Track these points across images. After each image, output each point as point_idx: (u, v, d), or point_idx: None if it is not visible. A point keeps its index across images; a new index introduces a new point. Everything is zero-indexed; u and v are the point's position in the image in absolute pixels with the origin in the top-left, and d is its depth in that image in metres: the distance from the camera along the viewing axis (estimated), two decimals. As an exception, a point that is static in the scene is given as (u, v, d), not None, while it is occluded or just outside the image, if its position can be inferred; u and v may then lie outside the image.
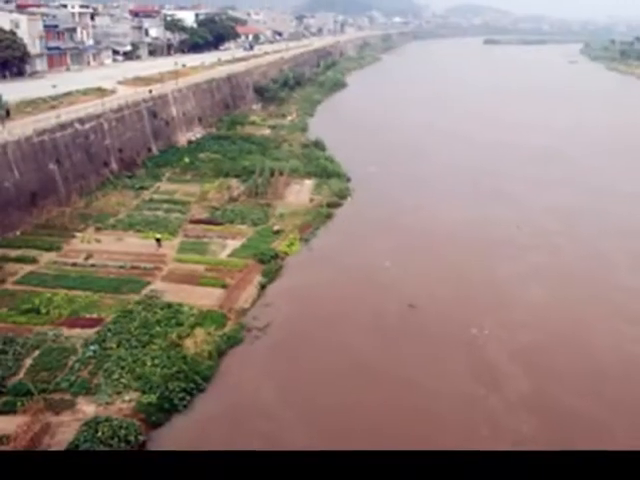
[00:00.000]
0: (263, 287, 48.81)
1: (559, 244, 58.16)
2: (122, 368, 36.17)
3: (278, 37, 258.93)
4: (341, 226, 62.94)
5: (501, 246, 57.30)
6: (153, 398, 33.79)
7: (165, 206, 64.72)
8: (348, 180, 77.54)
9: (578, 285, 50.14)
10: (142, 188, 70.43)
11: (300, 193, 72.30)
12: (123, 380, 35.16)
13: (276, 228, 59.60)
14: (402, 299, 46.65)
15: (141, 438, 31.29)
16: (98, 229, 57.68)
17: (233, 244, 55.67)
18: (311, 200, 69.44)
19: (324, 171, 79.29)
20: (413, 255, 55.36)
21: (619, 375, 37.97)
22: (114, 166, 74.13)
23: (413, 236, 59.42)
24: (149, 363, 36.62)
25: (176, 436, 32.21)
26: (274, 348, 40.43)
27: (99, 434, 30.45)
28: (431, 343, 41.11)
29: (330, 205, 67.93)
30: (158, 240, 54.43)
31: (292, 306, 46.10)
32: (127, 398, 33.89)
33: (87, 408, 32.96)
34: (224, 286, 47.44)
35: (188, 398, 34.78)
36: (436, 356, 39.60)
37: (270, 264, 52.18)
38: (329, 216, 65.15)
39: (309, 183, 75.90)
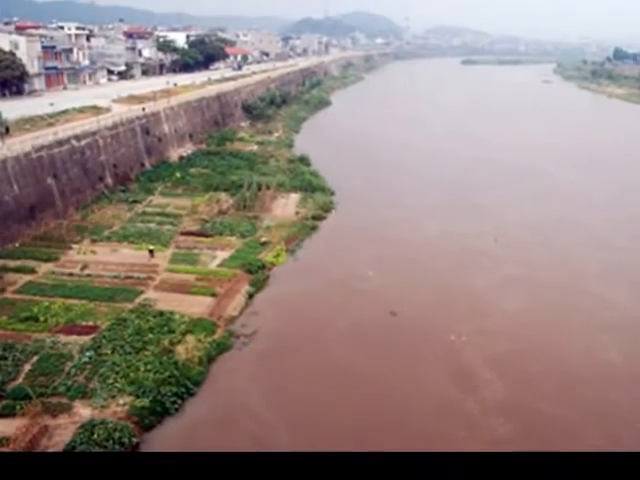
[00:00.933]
0: (251, 296, 48.99)
1: (534, 255, 58.63)
2: (116, 373, 36.26)
3: (265, 57, 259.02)
4: (325, 238, 63.20)
5: (479, 257, 57.66)
6: (146, 402, 33.91)
7: (157, 219, 64.76)
8: (332, 194, 77.83)
9: (552, 294, 50.55)
10: (135, 202, 70.45)
11: (286, 206, 72.48)
12: (117, 385, 35.25)
13: (263, 240, 59.78)
14: (384, 307, 46.93)
15: (134, 440, 31.41)
16: (94, 241, 57.70)
17: (222, 255, 55.83)
18: (297, 213, 69.64)
19: (309, 185, 79.55)
20: (395, 265, 55.65)
21: (590, 380, 38.36)
22: (109, 181, 74.15)
23: (395, 247, 59.75)
24: (142, 368, 36.73)
25: (168, 438, 32.36)
26: (261, 354, 40.62)
27: (95, 436, 30.55)
28: (412, 349, 41.39)
29: (315, 218, 68.18)
30: (151, 251, 54.54)
31: (278, 314, 46.30)
32: (121, 402, 33.99)
33: (83, 411, 33.04)
34: (214, 295, 47.60)
35: (179, 402, 34.94)
36: (417, 361, 39.88)
37: (257, 274, 52.36)
38: (314, 228, 65.41)
39: (295, 197, 76.11)
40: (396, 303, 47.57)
